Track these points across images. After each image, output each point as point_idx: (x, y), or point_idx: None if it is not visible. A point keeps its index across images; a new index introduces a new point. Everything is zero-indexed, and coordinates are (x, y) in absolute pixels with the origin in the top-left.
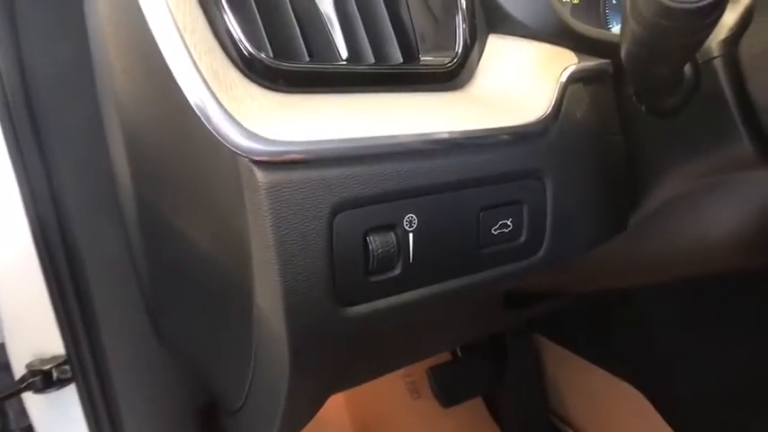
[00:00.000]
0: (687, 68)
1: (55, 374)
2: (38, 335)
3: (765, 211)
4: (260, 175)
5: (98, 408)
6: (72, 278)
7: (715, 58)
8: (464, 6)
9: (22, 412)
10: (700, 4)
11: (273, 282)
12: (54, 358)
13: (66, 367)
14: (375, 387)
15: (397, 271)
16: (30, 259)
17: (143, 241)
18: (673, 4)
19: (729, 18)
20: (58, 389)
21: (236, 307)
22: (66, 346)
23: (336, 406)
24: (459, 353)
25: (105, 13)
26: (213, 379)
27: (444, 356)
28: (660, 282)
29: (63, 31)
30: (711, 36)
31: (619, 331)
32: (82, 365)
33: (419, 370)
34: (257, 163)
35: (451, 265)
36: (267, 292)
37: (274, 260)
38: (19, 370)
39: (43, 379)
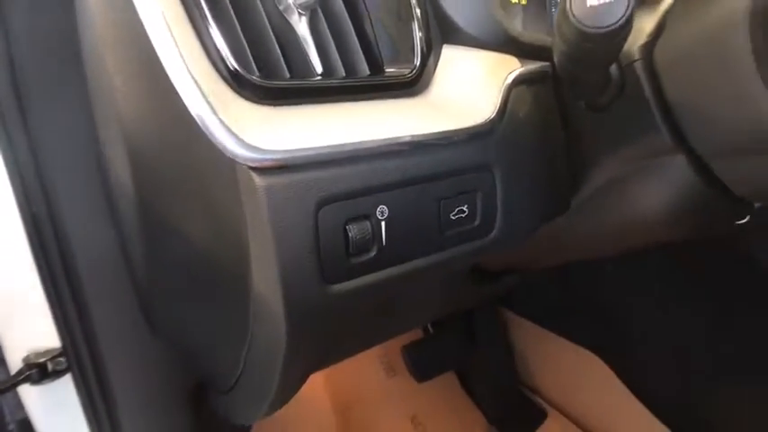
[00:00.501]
0: (614, 69)
1: (50, 366)
2: (32, 330)
3: (682, 190)
4: (257, 179)
5: (94, 396)
6: (65, 274)
7: (636, 61)
8: (419, 21)
9: (18, 405)
10: (610, 28)
11: (271, 267)
12: (48, 352)
13: (61, 359)
14: (353, 368)
15: (373, 253)
16: (23, 256)
17: (142, 238)
18: (587, 30)
19: (648, 25)
20: (53, 380)
21: (233, 293)
22: (62, 339)
23: (316, 388)
24: (431, 330)
25: (100, 24)
26: (206, 361)
27: (417, 335)
28: (602, 255)
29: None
30: (632, 41)
31: (580, 303)
32: (78, 356)
33: (394, 349)
34: (254, 169)
35: (418, 247)
36: (265, 276)
37: (272, 249)
38: (14, 364)
39: (39, 371)
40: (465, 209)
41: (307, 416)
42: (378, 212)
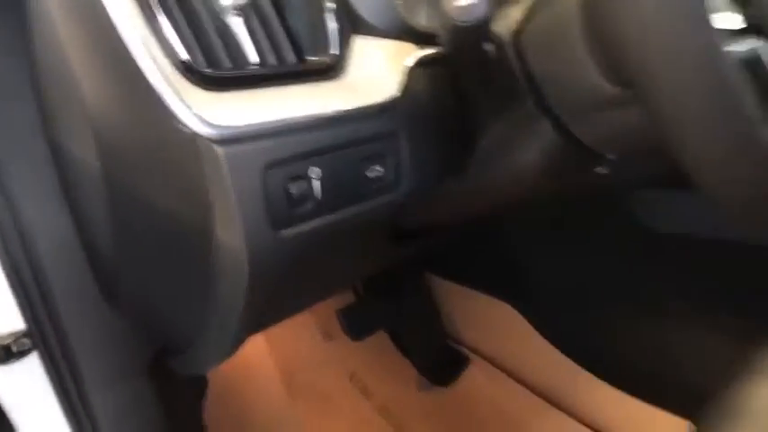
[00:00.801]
0: (492, 49)
1: (14, 348)
2: None
3: (549, 147)
4: (217, 149)
5: (62, 373)
6: (26, 257)
7: (507, 43)
8: (333, 14)
9: None
10: (471, 23)
11: (233, 219)
12: (12, 334)
13: (25, 340)
14: (293, 337)
15: (310, 205)
16: None
17: (109, 213)
18: (456, 23)
19: (517, 13)
20: (18, 360)
21: (198, 252)
22: (26, 320)
23: (262, 356)
24: (362, 295)
25: (59, 18)
26: (167, 325)
27: (350, 300)
28: (494, 209)
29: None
30: (506, 27)
31: (492, 260)
32: (43, 336)
33: (329, 316)
34: (214, 141)
35: (345, 198)
36: (228, 228)
37: (233, 204)
38: None
39: (4, 352)
40: (380, 168)
41: (257, 387)
42: (312, 173)
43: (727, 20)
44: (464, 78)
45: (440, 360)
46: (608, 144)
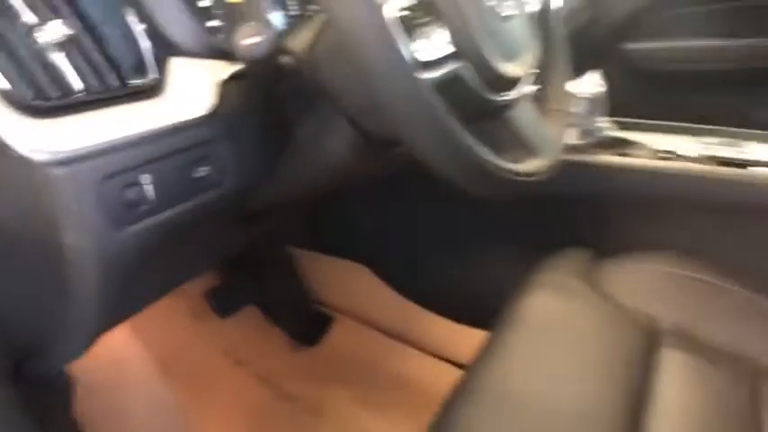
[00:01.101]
0: (290, 62)
1: None
2: None
3: (348, 139)
4: (53, 172)
5: None
6: None
7: (301, 57)
8: (148, 42)
9: None
10: (257, 57)
11: (80, 227)
12: None
13: None
14: (164, 323)
15: (145, 206)
16: None
17: None
18: (245, 56)
19: (309, 32)
20: None
21: (48, 256)
22: None
23: (134, 347)
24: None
25: None
26: (24, 330)
27: (215, 282)
28: (317, 191)
29: None
30: (300, 45)
31: (344, 229)
32: None
33: (196, 298)
34: (49, 164)
35: (177, 197)
36: (74, 234)
37: (76, 214)
38: None
39: None
40: (205, 169)
41: (133, 378)
42: (144, 179)
43: (432, 49)
44: (270, 88)
45: (307, 323)
46: (390, 137)
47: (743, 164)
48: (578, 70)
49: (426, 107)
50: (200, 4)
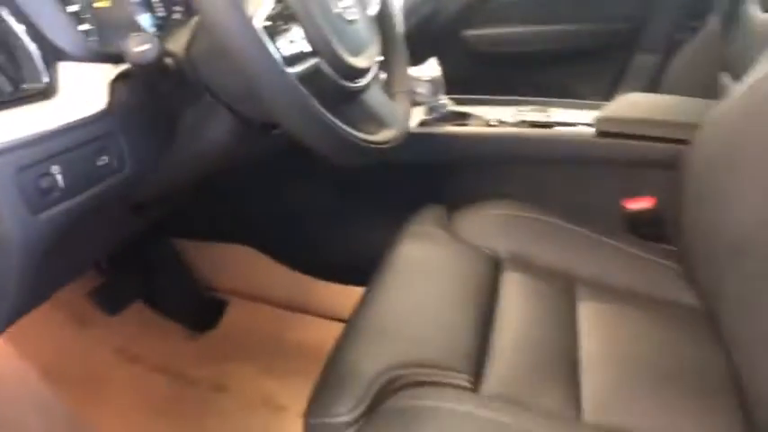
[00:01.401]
0: (171, 62)
1: None
2: None
3: (230, 125)
4: None
5: None
6: None
7: (180, 56)
8: (31, 45)
9: None
10: (146, 62)
11: (3, 212)
12: None
13: None
14: (46, 335)
15: (57, 193)
16: None
17: None
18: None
19: (184, 38)
20: None
21: None
22: None
23: (19, 362)
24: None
25: None
26: None
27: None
28: (202, 177)
29: None
30: (179, 45)
31: (222, 212)
32: None
33: (80, 301)
34: None
35: (83, 184)
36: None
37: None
38: None
39: None
40: (106, 158)
41: (25, 395)
42: (54, 170)
43: (295, 49)
44: (156, 85)
45: (200, 311)
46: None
47: (549, 125)
48: (423, 57)
49: (296, 95)
50: (69, 9)
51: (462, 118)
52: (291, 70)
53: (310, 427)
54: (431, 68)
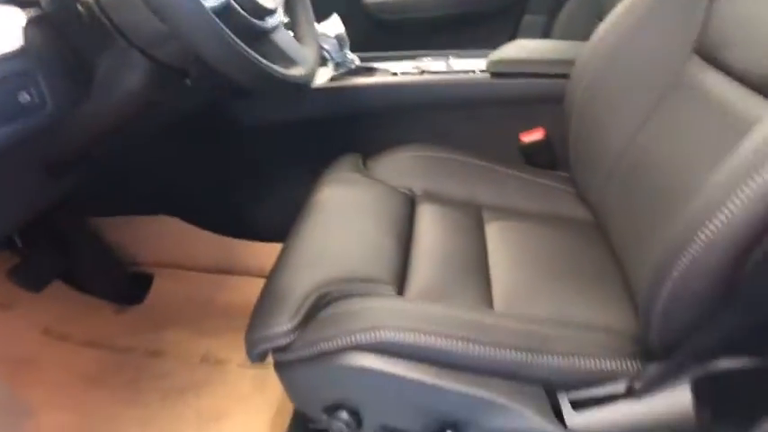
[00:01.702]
0: (83, 9)
1: None
2: None
3: (145, 70)
4: None
5: None
6: None
7: (90, 6)
8: None
9: None
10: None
11: None
12: None
13: None
14: None
15: None
16: None
17: None
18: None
19: None
20: None
21: None
22: None
23: None
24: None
25: None
26: None
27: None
28: (120, 130)
29: None
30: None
31: (138, 185)
32: None
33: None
34: None
35: (9, 116)
36: None
37: None
38: None
39: None
40: (28, 95)
41: None
42: None
43: None
44: (69, 30)
45: (127, 286)
46: (183, 62)
47: (448, 73)
48: (325, 16)
49: (212, 26)
50: None
51: (369, 72)
52: (207, 4)
53: (251, 341)
54: (334, 25)
